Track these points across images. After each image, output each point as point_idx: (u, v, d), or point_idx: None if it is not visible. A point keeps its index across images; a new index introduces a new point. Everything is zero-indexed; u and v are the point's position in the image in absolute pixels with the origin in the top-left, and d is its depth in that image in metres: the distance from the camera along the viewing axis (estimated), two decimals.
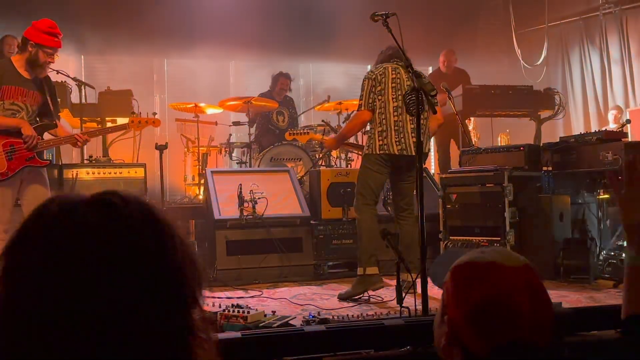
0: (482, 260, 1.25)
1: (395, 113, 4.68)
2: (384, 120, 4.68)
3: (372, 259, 4.60)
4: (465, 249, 4.85)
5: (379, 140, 4.69)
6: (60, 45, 4.42)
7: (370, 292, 4.59)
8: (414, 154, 4.62)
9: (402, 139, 4.66)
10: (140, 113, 6.30)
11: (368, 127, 4.86)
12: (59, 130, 4.65)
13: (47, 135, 4.64)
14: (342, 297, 4.60)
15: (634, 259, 1.66)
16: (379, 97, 4.69)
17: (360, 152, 5.79)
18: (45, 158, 4.55)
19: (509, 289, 1.20)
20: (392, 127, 4.66)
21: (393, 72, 4.71)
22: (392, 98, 4.67)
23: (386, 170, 4.75)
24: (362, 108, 4.77)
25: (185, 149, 7.59)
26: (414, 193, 4.89)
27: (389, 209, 5.92)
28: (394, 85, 4.68)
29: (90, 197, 0.80)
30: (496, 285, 1.20)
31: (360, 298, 4.57)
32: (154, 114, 5.31)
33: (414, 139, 4.59)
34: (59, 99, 4.83)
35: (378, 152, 4.69)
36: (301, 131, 5.60)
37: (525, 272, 1.23)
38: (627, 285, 1.65)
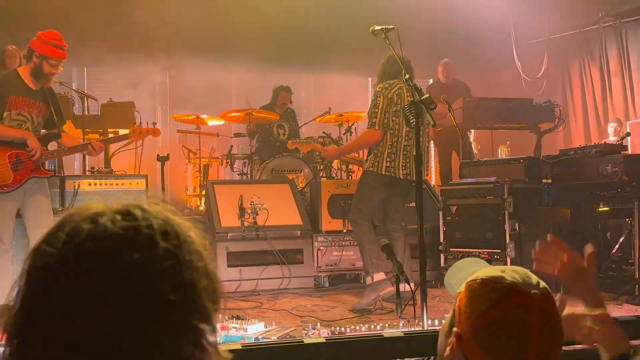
0: (501, 279, 1.24)
1: (407, 137, 4.68)
2: (395, 143, 4.67)
3: (377, 266, 4.61)
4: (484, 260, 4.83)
5: (386, 162, 4.67)
6: (64, 56, 4.45)
7: (382, 296, 4.51)
8: (414, 180, 4.68)
9: (408, 164, 4.68)
10: (141, 124, 6.34)
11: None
12: (65, 140, 4.68)
13: (52, 146, 4.68)
14: (356, 309, 4.58)
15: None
16: (394, 119, 4.66)
17: (357, 164, 5.82)
18: (48, 169, 4.58)
19: (522, 314, 1.20)
20: (402, 151, 4.67)
21: (408, 95, 4.65)
22: (406, 122, 4.65)
23: (387, 190, 4.77)
24: (376, 127, 4.67)
25: (187, 160, 7.63)
26: (405, 208, 4.94)
27: None
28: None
29: (115, 207, 0.82)
30: (510, 308, 1.20)
31: (364, 310, 4.57)
32: (154, 123, 5.35)
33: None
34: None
35: (383, 173, 4.68)
36: (303, 140, 5.64)
37: (542, 299, 1.22)
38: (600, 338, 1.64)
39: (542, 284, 1.26)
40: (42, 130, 4.61)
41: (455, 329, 1.26)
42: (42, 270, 0.78)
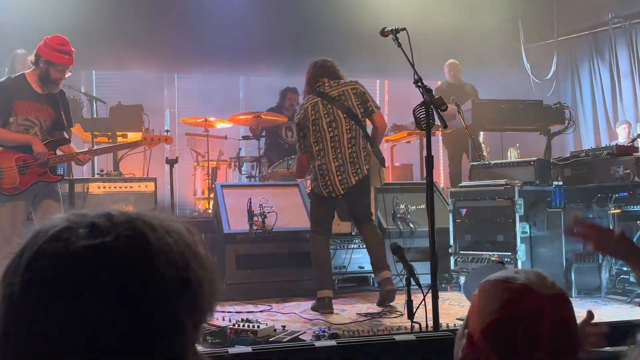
0: (514, 280, 1.23)
1: (319, 156, 4.78)
2: (315, 164, 4.83)
3: (324, 283, 4.71)
4: (501, 266, 4.80)
5: (313, 181, 4.89)
6: (71, 62, 4.44)
7: (321, 314, 4.58)
8: (341, 193, 4.78)
9: (328, 182, 4.76)
10: (153, 130, 6.33)
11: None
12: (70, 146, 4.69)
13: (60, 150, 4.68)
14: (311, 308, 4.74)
15: None
16: (305, 142, 4.84)
17: None
18: (58, 173, 4.57)
19: (533, 315, 1.18)
20: (318, 171, 4.78)
21: (312, 112, 4.78)
22: (314, 142, 4.78)
23: (329, 201, 4.87)
24: (298, 153, 5.01)
25: (195, 163, 7.62)
26: (366, 207, 4.93)
27: (399, 224, 5.91)
28: (314, 127, 4.77)
29: (80, 220, 0.78)
30: (522, 308, 1.19)
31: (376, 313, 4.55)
32: (167, 131, 5.35)
33: (339, 178, 4.74)
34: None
35: (314, 191, 4.89)
36: (270, 172, 5.84)
37: (557, 301, 1.20)
38: None
39: (558, 286, 1.23)
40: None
41: (467, 330, 1.24)
42: (6, 300, 0.75)
